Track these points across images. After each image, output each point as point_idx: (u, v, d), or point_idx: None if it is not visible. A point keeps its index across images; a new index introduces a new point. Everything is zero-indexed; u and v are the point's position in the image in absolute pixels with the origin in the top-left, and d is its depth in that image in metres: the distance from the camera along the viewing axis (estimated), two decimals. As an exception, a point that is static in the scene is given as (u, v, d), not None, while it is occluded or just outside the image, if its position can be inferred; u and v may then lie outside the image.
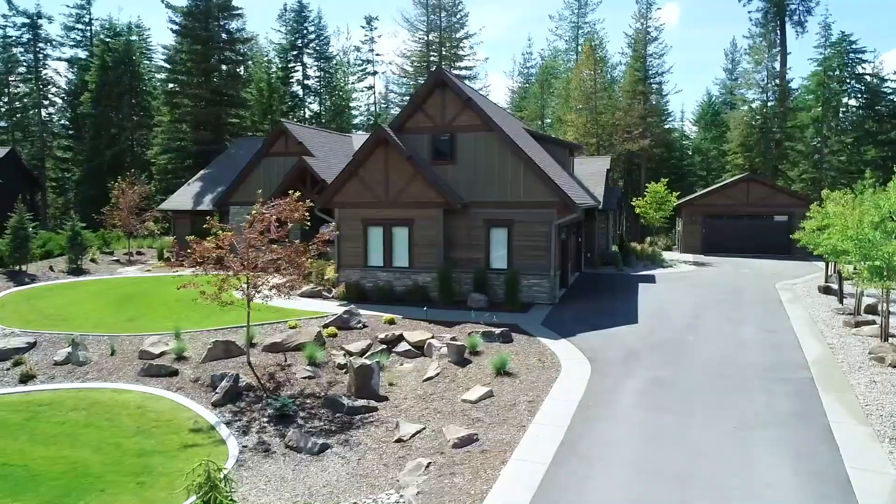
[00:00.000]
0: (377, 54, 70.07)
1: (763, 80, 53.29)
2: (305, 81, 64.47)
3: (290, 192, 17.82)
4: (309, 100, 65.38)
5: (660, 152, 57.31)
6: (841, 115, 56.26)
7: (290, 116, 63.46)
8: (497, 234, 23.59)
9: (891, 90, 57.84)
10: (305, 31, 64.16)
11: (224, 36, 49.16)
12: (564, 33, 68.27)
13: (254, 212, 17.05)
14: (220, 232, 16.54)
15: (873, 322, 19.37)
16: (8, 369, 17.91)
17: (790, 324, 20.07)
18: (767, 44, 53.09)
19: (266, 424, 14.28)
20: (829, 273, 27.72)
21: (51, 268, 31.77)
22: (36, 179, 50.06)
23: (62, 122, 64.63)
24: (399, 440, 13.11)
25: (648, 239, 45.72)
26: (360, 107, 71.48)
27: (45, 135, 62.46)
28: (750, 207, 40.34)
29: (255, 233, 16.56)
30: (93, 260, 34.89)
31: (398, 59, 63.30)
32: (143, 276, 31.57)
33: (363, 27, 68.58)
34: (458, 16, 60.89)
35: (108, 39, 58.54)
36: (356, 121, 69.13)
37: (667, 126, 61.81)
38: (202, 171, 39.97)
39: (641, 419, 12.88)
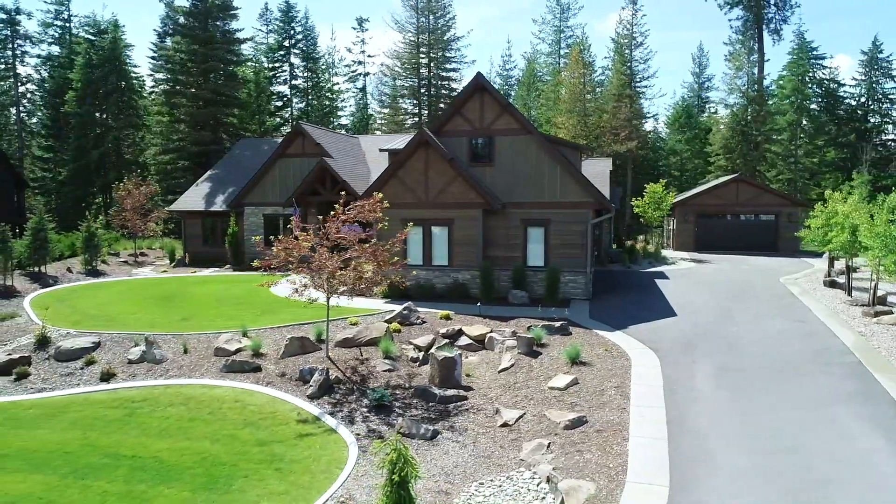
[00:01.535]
0: (369, 55, 70.61)
1: (744, 86, 55.98)
2: (293, 82, 64.52)
3: (316, 192, 18.42)
4: (296, 100, 65.40)
5: (644, 154, 59.49)
6: (809, 118, 59.40)
7: (279, 117, 63.46)
8: (534, 233, 24.69)
9: (847, 94, 61.41)
10: (293, 32, 64.24)
11: (219, 35, 48.91)
12: (547, 37, 70.17)
13: (333, 213, 17.70)
14: (304, 233, 17.21)
15: (890, 312, 21.20)
16: (81, 368, 18.19)
17: (814, 315, 21.73)
18: (746, 51, 55.79)
19: (368, 414, 15.06)
20: (832, 268, 29.66)
21: (69, 269, 31.58)
22: (23, 179, 48.95)
23: (35, 120, 62.97)
24: (505, 424, 14.08)
25: (641, 237, 47.58)
26: (348, 107, 71.93)
27: (23, 134, 60.88)
28: (739, 207, 42.54)
29: (338, 232, 17.22)
30: (104, 261, 34.73)
31: (388, 60, 63.96)
32: (162, 277, 31.65)
33: (354, 28, 69.13)
34: (446, 18, 61.95)
35: (91, 37, 57.47)
36: (344, 121, 69.44)
37: (645, 128, 64.01)
38: (209, 172, 39.90)
39: (727, 400, 14.17)
